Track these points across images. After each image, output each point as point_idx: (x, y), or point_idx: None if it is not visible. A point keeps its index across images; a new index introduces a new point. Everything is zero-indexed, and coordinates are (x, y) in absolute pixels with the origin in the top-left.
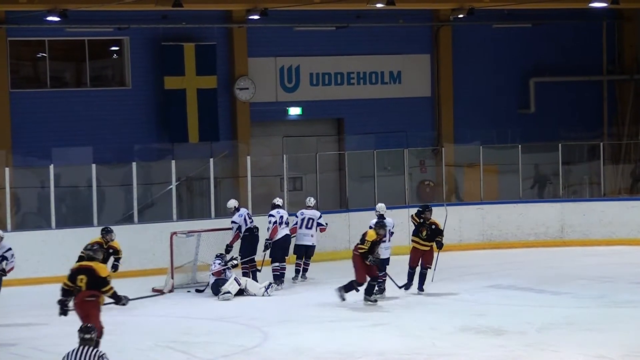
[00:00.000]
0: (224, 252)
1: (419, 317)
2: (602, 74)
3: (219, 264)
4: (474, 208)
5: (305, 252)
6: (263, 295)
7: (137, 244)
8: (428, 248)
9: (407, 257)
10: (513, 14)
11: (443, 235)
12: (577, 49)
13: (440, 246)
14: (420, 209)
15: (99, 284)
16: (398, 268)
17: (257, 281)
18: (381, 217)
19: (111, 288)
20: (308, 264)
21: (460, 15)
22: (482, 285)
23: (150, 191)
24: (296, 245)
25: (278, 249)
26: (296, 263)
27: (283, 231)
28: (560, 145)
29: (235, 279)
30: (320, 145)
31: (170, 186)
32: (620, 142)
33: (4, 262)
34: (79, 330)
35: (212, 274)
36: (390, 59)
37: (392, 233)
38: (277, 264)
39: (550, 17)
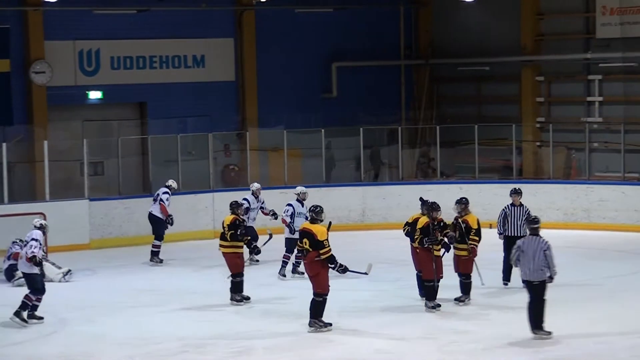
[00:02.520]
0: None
1: (224, 303)
2: (400, 59)
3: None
4: (277, 192)
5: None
6: (60, 281)
7: None
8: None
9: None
10: None
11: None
12: (377, 34)
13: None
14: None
15: None
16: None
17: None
18: (302, 200)
19: None
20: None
21: (263, 0)
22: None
23: None
24: None
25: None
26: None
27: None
28: (361, 129)
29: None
30: (123, 130)
31: None
32: (416, 127)
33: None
34: None
35: (7, 257)
36: (194, 43)
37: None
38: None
39: (351, 2)
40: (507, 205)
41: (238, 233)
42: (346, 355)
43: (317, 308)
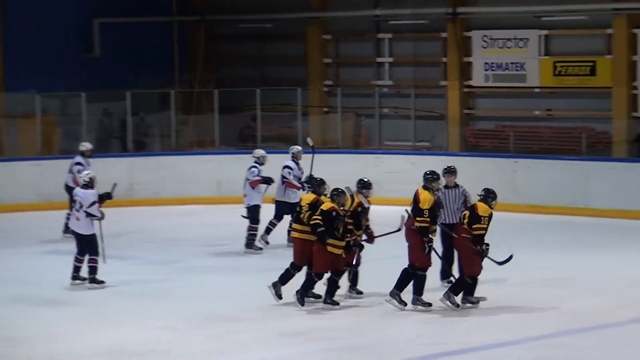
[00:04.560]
0: None
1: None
2: (172, 15)
3: None
4: (29, 164)
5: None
6: None
7: None
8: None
9: None
10: None
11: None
12: None
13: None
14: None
15: None
16: None
17: None
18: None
19: None
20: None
21: None
22: (43, 250)
23: None
24: None
25: None
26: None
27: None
28: (128, 93)
29: None
30: None
31: None
32: (191, 90)
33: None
34: None
35: None
36: None
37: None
38: None
39: None
40: (440, 188)
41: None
42: None
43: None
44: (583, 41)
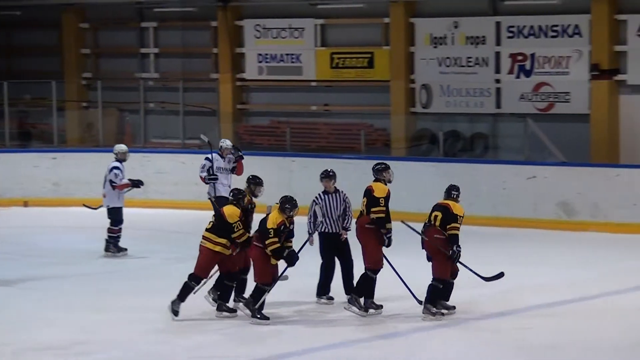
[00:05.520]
0: None
1: None
2: None
3: None
4: None
5: None
6: None
7: None
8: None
9: None
10: None
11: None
12: None
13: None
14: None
15: None
16: None
17: None
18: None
19: None
20: None
21: None
22: None
23: None
24: None
25: None
26: None
27: None
28: None
29: None
30: None
31: None
32: None
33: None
34: None
35: None
36: None
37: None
38: None
39: None
40: (319, 195)
41: None
42: None
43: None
44: (360, 31)
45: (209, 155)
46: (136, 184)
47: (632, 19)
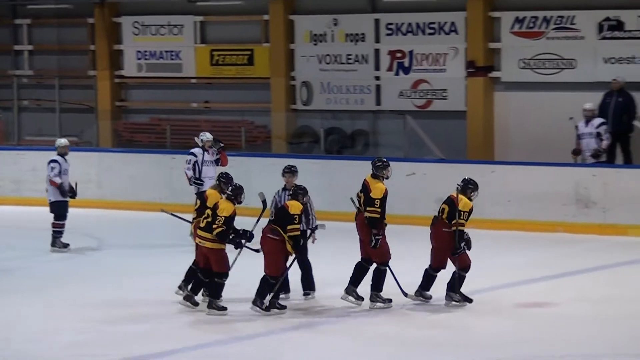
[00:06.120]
0: None
1: None
2: None
3: None
4: None
5: None
6: None
7: None
8: None
9: None
10: None
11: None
12: None
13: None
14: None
15: None
16: None
17: None
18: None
19: None
20: None
21: None
22: None
23: None
24: None
25: None
26: None
27: None
28: None
29: None
30: None
31: None
32: None
33: None
34: None
35: None
36: None
37: None
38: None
39: None
40: (278, 191)
41: None
42: None
43: None
44: (240, 28)
45: (193, 150)
46: (66, 192)
47: (505, 16)
